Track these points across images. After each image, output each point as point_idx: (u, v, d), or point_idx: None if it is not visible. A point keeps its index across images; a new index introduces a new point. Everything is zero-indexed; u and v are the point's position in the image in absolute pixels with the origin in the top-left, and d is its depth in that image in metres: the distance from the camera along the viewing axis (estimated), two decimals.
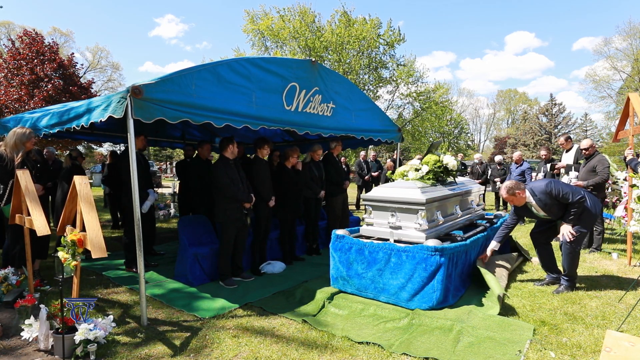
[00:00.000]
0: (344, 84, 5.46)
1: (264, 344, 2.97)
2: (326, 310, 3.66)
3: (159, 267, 5.16)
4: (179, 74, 3.52)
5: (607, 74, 33.00)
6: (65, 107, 4.05)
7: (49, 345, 2.86)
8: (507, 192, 4.03)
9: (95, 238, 2.83)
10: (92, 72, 35.99)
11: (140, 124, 3.29)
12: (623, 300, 3.80)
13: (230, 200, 4.36)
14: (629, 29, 30.59)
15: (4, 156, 4.11)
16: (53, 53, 15.32)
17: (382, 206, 4.11)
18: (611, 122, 33.47)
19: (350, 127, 5.56)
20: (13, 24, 32.37)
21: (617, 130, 5.27)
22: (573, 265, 4.01)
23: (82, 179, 3.06)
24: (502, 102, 55.22)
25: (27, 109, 13.38)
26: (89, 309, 2.85)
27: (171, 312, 3.64)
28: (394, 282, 3.70)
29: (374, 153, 11.45)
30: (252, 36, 19.80)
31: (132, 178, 3.29)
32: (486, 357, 2.73)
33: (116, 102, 3.23)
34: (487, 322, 3.22)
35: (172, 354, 2.83)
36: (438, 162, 4.54)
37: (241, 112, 4.02)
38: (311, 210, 5.79)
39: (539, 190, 3.98)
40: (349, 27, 18.04)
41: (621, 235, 6.75)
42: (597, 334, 3.07)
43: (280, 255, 5.42)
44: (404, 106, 21.70)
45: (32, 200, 3.43)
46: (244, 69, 4.06)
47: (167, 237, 7.32)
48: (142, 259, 3.31)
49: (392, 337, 3.06)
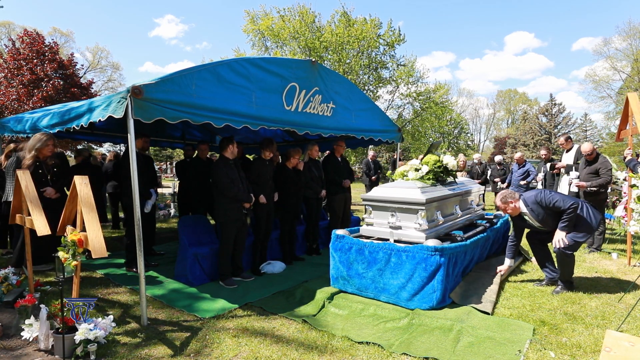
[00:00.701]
0: (344, 84, 5.47)
1: (264, 344, 2.97)
2: (326, 310, 3.66)
3: (159, 267, 5.16)
4: (179, 74, 3.52)
5: (606, 74, 33.06)
6: (66, 107, 4.06)
7: (49, 345, 2.86)
8: (501, 201, 4.03)
9: (95, 238, 2.83)
10: (92, 72, 36.01)
11: (140, 124, 3.29)
12: (623, 301, 3.80)
13: (230, 201, 4.37)
14: (629, 29, 30.64)
15: (20, 159, 4.43)
16: (53, 53, 15.33)
17: (382, 206, 4.11)
18: (611, 122, 33.51)
19: (350, 127, 5.56)
20: (13, 24, 32.41)
21: (619, 130, 5.27)
22: (566, 271, 4.01)
23: (82, 178, 3.06)
24: (502, 102, 55.26)
25: (27, 108, 13.39)
26: (89, 309, 2.85)
27: (171, 312, 3.64)
28: (394, 282, 3.71)
29: (373, 153, 11.43)
30: (252, 36, 19.82)
31: (132, 178, 3.30)
32: (486, 357, 2.73)
33: (116, 102, 3.23)
34: (487, 322, 3.22)
35: (172, 354, 2.83)
36: (438, 162, 4.54)
37: (241, 112, 4.02)
38: (311, 210, 5.79)
39: (530, 201, 3.98)
40: (348, 27, 18.04)
41: (621, 235, 6.75)
42: (597, 334, 3.07)
43: (280, 255, 5.43)
44: (404, 106, 21.72)
45: (32, 201, 3.44)
46: (244, 69, 4.06)
47: (167, 237, 7.32)
48: (142, 259, 3.31)
49: (392, 337, 3.06)
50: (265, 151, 4.95)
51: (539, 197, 3.92)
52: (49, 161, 4.61)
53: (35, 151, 4.39)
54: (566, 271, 4.00)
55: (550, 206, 3.87)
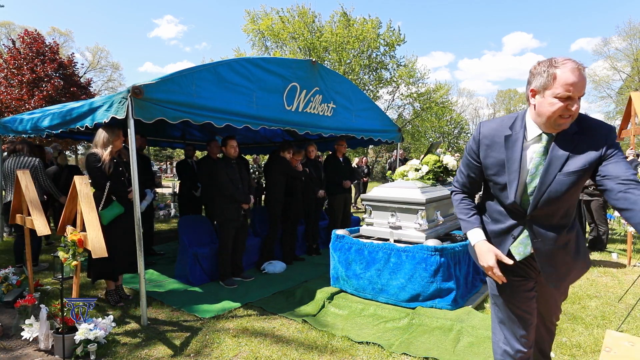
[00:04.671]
0: (344, 84, 5.47)
1: (264, 344, 2.97)
2: (326, 310, 3.66)
3: (160, 267, 5.16)
4: (179, 74, 3.52)
5: (606, 74, 33.02)
6: (66, 107, 4.05)
7: (49, 345, 2.86)
8: None
9: (95, 238, 2.83)
10: (92, 72, 36.00)
11: (140, 123, 3.30)
12: (623, 300, 3.80)
13: (228, 200, 4.37)
14: (629, 29, 30.59)
15: (99, 156, 3.63)
16: (53, 53, 15.34)
17: (382, 206, 4.11)
18: (611, 122, 33.42)
19: (350, 127, 5.56)
20: (13, 24, 32.37)
21: (620, 130, 5.27)
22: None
23: (82, 178, 3.06)
24: (502, 102, 55.20)
25: (27, 108, 13.40)
26: (89, 309, 2.85)
27: (171, 312, 3.64)
28: (394, 282, 3.70)
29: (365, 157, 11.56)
30: (252, 36, 19.85)
31: (133, 178, 3.30)
32: (486, 357, 2.73)
33: (117, 103, 3.23)
34: (487, 322, 3.22)
35: (172, 354, 2.83)
36: (438, 162, 4.54)
37: (242, 112, 4.02)
38: (311, 210, 5.79)
39: None
40: (348, 27, 18.05)
41: (621, 235, 6.75)
42: (597, 334, 3.07)
43: (280, 255, 5.43)
44: (404, 106, 21.73)
45: (32, 201, 3.44)
46: (245, 69, 4.06)
47: (167, 237, 7.31)
48: (142, 259, 3.31)
49: (392, 337, 3.06)
50: (284, 152, 5.23)
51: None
52: (125, 156, 3.85)
53: (111, 144, 3.69)
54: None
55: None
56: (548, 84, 1.52)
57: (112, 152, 3.69)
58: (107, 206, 3.59)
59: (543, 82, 1.53)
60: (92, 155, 3.63)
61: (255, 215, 5.77)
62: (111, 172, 3.62)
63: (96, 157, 3.60)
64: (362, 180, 11.19)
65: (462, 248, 3.91)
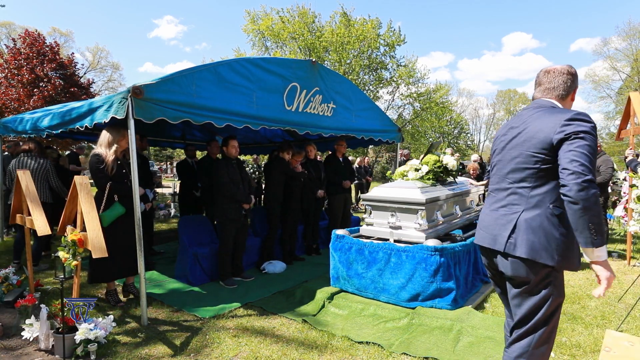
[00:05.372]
0: (344, 84, 5.47)
1: (264, 344, 2.97)
2: (326, 310, 3.67)
3: (160, 267, 5.16)
4: (179, 74, 3.52)
5: (606, 74, 33.01)
6: (66, 107, 4.06)
7: (50, 345, 2.86)
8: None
9: (95, 238, 2.83)
10: (92, 72, 35.99)
11: (140, 123, 3.30)
12: (622, 300, 3.81)
13: (229, 200, 4.37)
14: (629, 29, 30.57)
15: (102, 157, 3.58)
16: (54, 53, 15.34)
17: (382, 206, 4.11)
18: (611, 122, 33.44)
19: (350, 127, 5.57)
20: (14, 24, 32.36)
21: (619, 129, 5.27)
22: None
23: (83, 178, 3.06)
24: (502, 102, 55.18)
25: (27, 108, 13.39)
26: (89, 308, 2.85)
27: (171, 312, 3.64)
28: (394, 282, 3.71)
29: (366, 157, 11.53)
30: (252, 36, 19.82)
31: (133, 178, 3.30)
32: (486, 357, 2.73)
33: (118, 103, 3.23)
34: (487, 322, 3.22)
35: (173, 353, 2.83)
36: (438, 162, 4.54)
37: (242, 112, 4.03)
38: (311, 210, 5.79)
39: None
40: (349, 27, 18.05)
41: (621, 235, 6.75)
42: (597, 334, 3.07)
43: (280, 255, 5.43)
44: (404, 106, 21.72)
45: (32, 201, 3.44)
46: (245, 69, 4.07)
47: (167, 237, 7.32)
48: (142, 259, 3.32)
49: (392, 337, 3.06)
50: (283, 153, 5.27)
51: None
52: (127, 156, 3.71)
53: (117, 144, 3.65)
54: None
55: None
56: None
57: (117, 152, 3.66)
58: (109, 207, 3.59)
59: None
60: (95, 156, 3.60)
61: (255, 215, 5.77)
62: (114, 173, 3.62)
63: (98, 158, 3.57)
64: (364, 180, 11.14)
65: (462, 248, 3.92)
